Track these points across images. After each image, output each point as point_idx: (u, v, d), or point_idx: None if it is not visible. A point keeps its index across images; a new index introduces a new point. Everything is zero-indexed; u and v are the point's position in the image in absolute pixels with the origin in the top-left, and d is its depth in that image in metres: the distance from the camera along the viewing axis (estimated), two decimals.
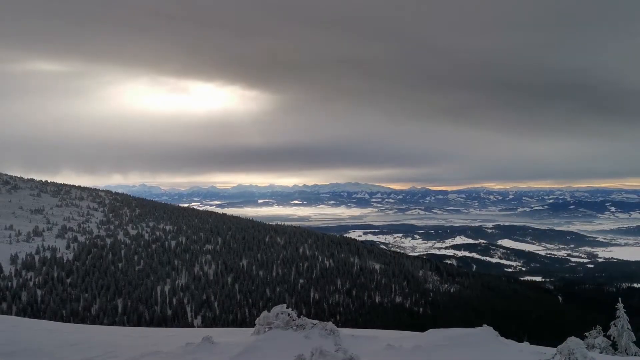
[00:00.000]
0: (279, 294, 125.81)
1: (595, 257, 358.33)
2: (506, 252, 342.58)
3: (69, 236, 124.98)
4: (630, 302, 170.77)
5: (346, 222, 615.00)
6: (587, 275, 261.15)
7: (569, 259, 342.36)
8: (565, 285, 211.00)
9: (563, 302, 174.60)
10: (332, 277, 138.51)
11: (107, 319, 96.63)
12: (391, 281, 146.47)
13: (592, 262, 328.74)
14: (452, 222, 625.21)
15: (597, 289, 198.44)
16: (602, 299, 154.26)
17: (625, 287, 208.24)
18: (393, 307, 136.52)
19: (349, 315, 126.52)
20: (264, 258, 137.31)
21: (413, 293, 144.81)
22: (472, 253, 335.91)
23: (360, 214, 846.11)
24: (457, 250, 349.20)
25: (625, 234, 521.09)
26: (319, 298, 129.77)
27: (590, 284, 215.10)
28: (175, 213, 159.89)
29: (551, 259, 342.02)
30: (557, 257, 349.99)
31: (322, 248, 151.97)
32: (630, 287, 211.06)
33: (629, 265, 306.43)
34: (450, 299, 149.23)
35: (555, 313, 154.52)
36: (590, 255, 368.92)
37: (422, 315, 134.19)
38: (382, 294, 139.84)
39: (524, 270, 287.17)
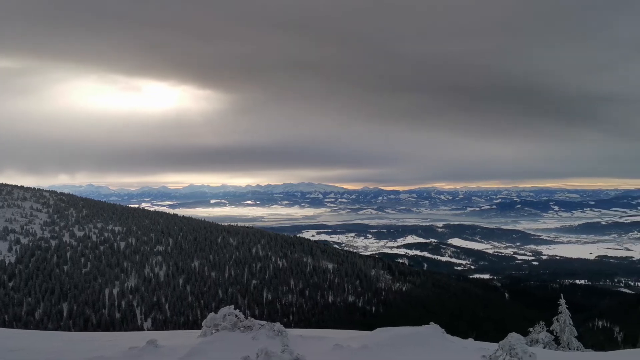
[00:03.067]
0: (231, 295, 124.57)
1: (540, 254, 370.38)
2: (456, 251, 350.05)
3: (11, 238, 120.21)
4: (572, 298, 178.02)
5: (300, 222, 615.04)
6: (532, 273, 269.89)
7: (515, 257, 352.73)
8: (512, 282, 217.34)
9: (509, 299, 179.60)
10: (285, 277, 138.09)
11: (52, 323, 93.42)
12: (344, 281, 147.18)
13: (537, 260, 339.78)
14: (403, 222, 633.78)
15: (542, 285, 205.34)
16: (546, 296, 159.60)
17: (567, 284, 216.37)
18: (346, 307, 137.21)
19: (302, 315, 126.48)
20: (216, 259, 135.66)
21: (365, 292, 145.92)
22: (423, 252, 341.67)
23: (314, 214, 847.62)
24: (408, 249, 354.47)
25: (567, 232, 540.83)
26: (272, 298, 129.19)
27: (535, 281, 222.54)
28: (125, 214, 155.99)
29: (498, 257, 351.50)
30: (504, 255, 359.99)
31: (275, 248, 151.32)
32: (572, 284, 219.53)
33: (571, 263, 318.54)
34: (401, 297, 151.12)
35: (502, 310, 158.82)
36: (535, 253, 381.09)
37: (374, 314, 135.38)
38: (335, 293, 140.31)
39: (473, 269, 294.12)
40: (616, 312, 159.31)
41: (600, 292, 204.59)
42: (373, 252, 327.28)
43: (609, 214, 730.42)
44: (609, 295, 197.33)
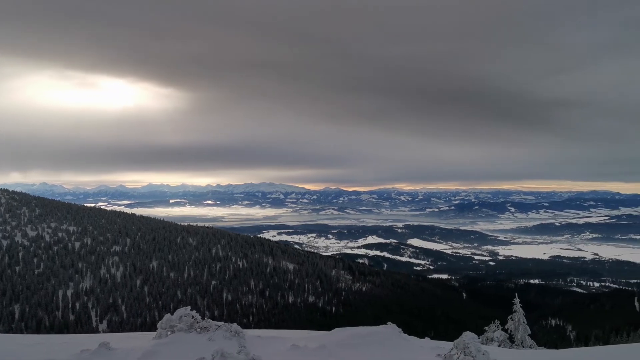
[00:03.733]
0: (190, 295, 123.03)
1: (497, 255, 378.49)
2: (415, 251, 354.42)
3: None
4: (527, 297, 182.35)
5: (260, 223, 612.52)
6: (489, 273, 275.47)
7: (472, 257, 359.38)
8: (469, 282, 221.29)
9: (467, 299, 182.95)
10: (245, 277, 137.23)
11: (3, 326, 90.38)
12: (304, 281, 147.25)
13: (494, 260, 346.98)
14: (364, 222, 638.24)
15: (498, 285, 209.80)
16: (501, 295, 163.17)
17: (522, 283, 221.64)
18: (306, 307, 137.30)
19: (262, 315, 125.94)
20: (175, 259, 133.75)
21: (326, 292, 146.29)
22: (383, 252, 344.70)
23: (275, 214, 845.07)
24: (369, 250, 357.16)
25: (523, 232, 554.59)
26: (232, 299, 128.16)
27: (491, 281, 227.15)
28: (80, 213, 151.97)
29: (457, 257, 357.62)
30: (462, 256, 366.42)
31: (236, 249, 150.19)
32: (527, 283, 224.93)
33: (526, 263, 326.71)
34: (361, 297, 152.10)
35: (460, 309, 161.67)
36: (491, 253, 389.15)
37: (334, 314, 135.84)
38: (295, 293, 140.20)
39: (431, 269, 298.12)
40: (569, 310, 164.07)
41: (554, 291, 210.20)
42: (334, 252, 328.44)
43: (562, 215, 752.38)
44: (561, 294, 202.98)
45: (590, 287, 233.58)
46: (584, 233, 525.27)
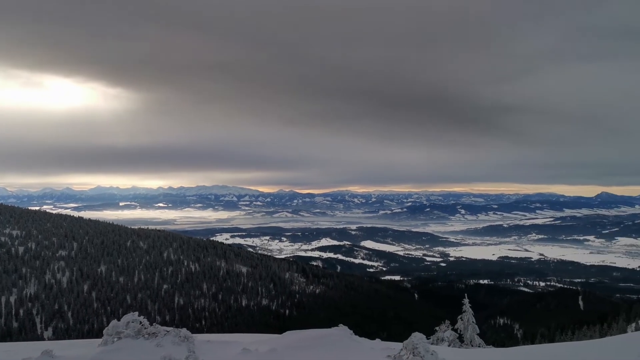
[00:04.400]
0: (140, 300, 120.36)
1: (447, 256, 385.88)
2: (368, 253, 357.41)
3: None
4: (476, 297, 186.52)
5: (213, 225, 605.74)
6: (440, 274, 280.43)
7: (424, 259, 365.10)
8: (421, 283, 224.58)
9: (419, 299, 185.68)
10: (197, 281, 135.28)
11: None
12: (258, 284, 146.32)
13: (445, 261, 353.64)
14: (318, 225, 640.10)
15: (448, 286, 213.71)
16: (452, 295, 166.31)
17: (472, 284, 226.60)
18: (259, 310, 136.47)
19: (215, 319, 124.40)
20: (125, 263, 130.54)
21: (279, 295, 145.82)
22: (337, 254, 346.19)
23: (228, 217, 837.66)
24: (322, 252, 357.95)
25: (473, 234, 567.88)
26: (184, 303, 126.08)
27: (442, 282, 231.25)
28: (24, 216, 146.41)
29: (409, 258, 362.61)
30: (414, 257, 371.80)
31: (188, 252, 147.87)
32: (476, 283, 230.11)
33: (475, 264, 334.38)
34: (315, 300, 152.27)
35: (412, 310, 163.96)
36: (442, 254, 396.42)
37: (288, 317, 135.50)
38: (248, 297, 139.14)
39: (384, 270, 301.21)
40: (516, 309, 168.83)
41: (502, 291, 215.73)
42: (288, 255, 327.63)
43: (510, 217, 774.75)
44: (509, 294, 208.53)
45: (536, 286, 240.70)
46: (531, 234, 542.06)
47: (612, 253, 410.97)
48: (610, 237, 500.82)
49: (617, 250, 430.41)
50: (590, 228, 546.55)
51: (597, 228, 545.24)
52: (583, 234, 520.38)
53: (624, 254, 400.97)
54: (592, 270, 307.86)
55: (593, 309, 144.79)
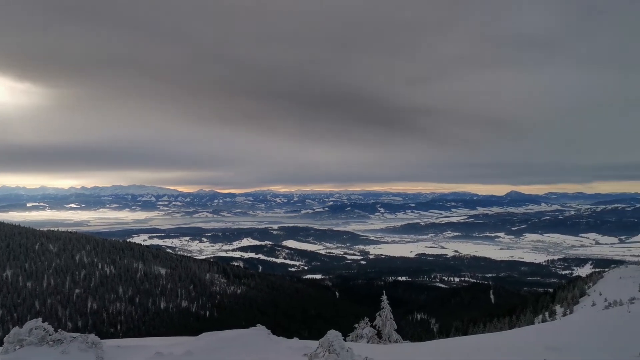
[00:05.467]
0: (50, 306, 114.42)
1: (367, 254, 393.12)
2: (290, 253, 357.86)
3: None
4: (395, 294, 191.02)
5: (130, 226, 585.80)
6: (360, 271, 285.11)
7: (345, 257, 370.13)
8: (342, 281, 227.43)
9: (340, 297, 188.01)
10: (113, 284, 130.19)
11: None
12: (177, 286, 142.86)
13: (365, 259, 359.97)
14: (239, 225, 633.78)
15: (368, 283, 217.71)
16: (372, 293, 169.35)
17: (391, 281, 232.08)
18: (179, 312, 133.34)
19: (131, 323, 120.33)
20: (33, 267, 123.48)
21: (200, 297, 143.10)
22: (258, 254, 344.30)
23: (146, 218, 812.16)
24: (244, 252, 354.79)
25: (392, 232, 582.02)
26: (98, 308, 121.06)
27: (362, 279, 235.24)
28: None
29: (330, 257, 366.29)
30: (335, 256, 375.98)
31: (103, 254, 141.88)
32: (395, 280, 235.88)
33: (394, 261, 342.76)
34: (236, 300, 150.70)
35: (333, 308, 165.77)
36: (363, 252, 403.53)
37: (208, 319, 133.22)
38: (167, 299, 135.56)
39: (306, 269, 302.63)
40: (432, 305, 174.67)
41: (419, 287, 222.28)
42: (208, 255, 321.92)
43: (427, 215, 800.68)
44: (426, 290, 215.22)
45: (451, 282, 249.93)
46: (446, 232, 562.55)
47: (521, 249, 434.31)
48: (518, 234, 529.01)
49: (525, 246, 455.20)
50: (501, 225, 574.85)
51: (507, 225, 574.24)
52: (494, 231, 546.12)
53: (531, 250, 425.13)
54: (502, 265, 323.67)
55: (503, 302, 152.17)
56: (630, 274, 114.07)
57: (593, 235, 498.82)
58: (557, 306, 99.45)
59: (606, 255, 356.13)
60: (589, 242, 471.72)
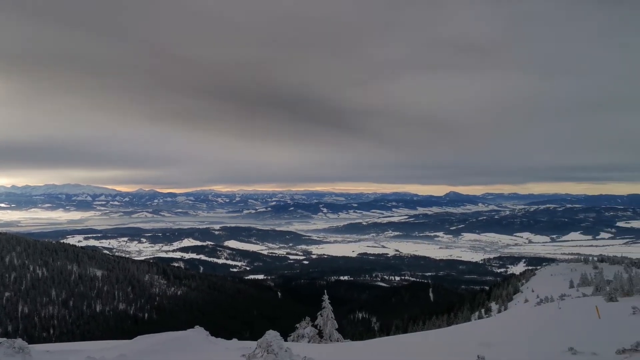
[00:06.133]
0: None
1: (310, 254, 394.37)
2: (232, 253, 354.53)
3: None
4: (337, 293, 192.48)
5: (64, 227, 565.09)
6: (303, 271, 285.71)
7: (288, 257, 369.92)
8: (284, 281, 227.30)
9: (282, 297, 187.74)
10: (45, 287, 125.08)
11: None
12: (114, 288, 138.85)
13: (307, 259, 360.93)
14: (180, 225, 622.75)
15: (311, 283, 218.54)
16: (314, 292, 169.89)
17: (333, 280, 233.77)
18: (116, 315, 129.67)
19: (65, 328, 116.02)
20: None
21: (138, 299, 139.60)
22: (199, 255, 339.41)
23: (81, 218, 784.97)
24: (184, 253, 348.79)
25: (334, 232, 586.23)
26: (29, 311, 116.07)
27: (305, 279, 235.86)
28: None
29: (273, 257, 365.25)
30: (277, 256, 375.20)
31: (34, 256, 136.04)
32: (337, 280, 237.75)
33: (336, 261, 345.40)
34: (177, 302, 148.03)
35: (275, 308, 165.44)
36: (305, 252, 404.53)
37: (147, 321, 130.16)
38: (103, 302, 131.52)
39: (248, 270, 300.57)
40: (374, 304, 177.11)
41: (361, 286, 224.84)
42: (147, 256, 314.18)
43: (369, 215, 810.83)
44: (368, 289, 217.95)
45: (392, 281, 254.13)
46: (387, 231, 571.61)
47: (459, 248, 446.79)
48: (457, 233, 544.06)
49: (462, 245, 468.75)
50: (440, 225, 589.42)
51: (445, 225, 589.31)
52: (434, 231, 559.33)
53: (469, 249, 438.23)
54: (441, 264, 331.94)
55: (442, 300, 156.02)
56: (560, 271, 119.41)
57: (526, 235, 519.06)
58: (493, 303, 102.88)
59: (539, 254, 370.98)
60: (522, 241, 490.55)
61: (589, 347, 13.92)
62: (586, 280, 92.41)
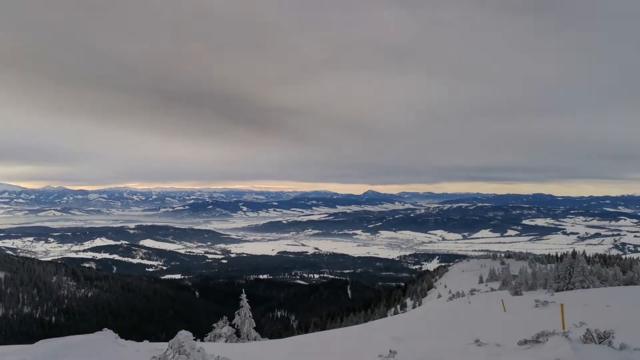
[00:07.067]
0: None
1: (229, 253, 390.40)
2: (148, 252, 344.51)
3: None
4: (256, 291, 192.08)
5: None
6: (221, 271, 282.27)
7: (206, 256, 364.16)
8: (202, 281, 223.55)
9: (199, 297, 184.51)
10: None
11: None
12: (18, 290, 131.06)
13: (226, 258, 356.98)
14: (92, 224, 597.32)
15: (229, 282, 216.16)
16: (233, 291, 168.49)
17: (253, 279, 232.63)
18: (20, 319, 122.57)
19: None
20: None
21: (44, 301, 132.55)
22: (113, 255, 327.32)
23: None
24: (97, 253, 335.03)
25: (254, 230, 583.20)
26: None
27: (223, 278, 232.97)
28: None
29: (190, 256, 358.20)
30: (195, 255, 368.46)
31: None
32: (257, 279, 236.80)
33: (256, 259, 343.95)
34: (87, 304, 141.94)
35: (193, 308, 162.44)
36: (224, 251, 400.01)
37: (54, 325, 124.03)
38: (7, 305, 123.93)
39: (165, 269, 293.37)
40: (293, 301, 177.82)
41: (280, 284, 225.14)
42: (55, 257, 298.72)
43: (289, 213, 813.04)
44: (287, 287, 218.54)
45: (311, 278, 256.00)
46: (307, 229, 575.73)
47: (376, 245, 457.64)
48: (374, 231, 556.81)
49: (380, 243, 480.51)
50: (358, 223, 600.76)
51: (364, 223, 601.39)
52: (352, 229, 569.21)
53: (386, 246, 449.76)
54: (359, 261, 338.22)
55: (359, 297, 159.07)
56: (471, 267, 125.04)
57: (440, 232, 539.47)
58: (408, 299, 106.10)
59: (451, 251, 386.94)
60: (436, 239, 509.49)
61: (494, 338, 14.58)
62: (494, 275, 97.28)
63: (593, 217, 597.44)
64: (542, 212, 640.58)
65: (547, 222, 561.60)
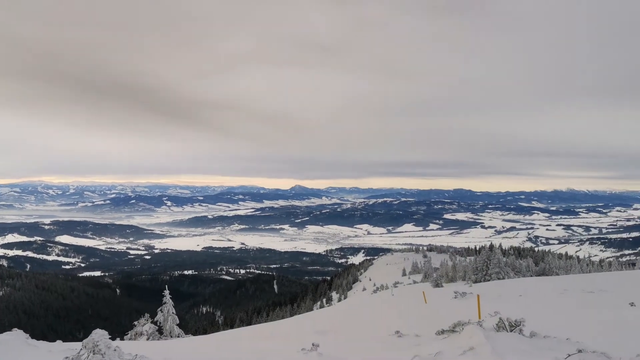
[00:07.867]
0: None
1: (152, 248, 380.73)
2: (65, 249, 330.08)
3: None
4: (181, 288, 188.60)
5: None
6: (144, 267, 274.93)
7: (128, 252, 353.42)
8: (124, 277, 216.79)
9: (121, 295, 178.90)
10: None
11: None
12: None
13: (149, 254, 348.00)
14: (3, 219, 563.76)
15: (153, 278, 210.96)
16: (156, 288, 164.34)
17: (177, 275, 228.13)
18: None
19: None
20: None
21: None
22: (26, 252, 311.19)
23: None
24: (8, 250, 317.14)
25: (179, 225, 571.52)
26: None
27: (146, 275, 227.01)
28: None
29: (111, 252, 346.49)
30: (116, 251, 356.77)
31: None
32: (181, 275, 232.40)
33: (180, 255, 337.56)
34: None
35: (114, 306, 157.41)
36: (147, 247, 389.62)
37: None
38: None
39: (83, 266, 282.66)
40: (218, 297, 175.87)
41: (205, 280, 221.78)
42: None
43: (215, 208, 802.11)
44: (212, 282, 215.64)
45: (237, 274, 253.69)
46: (234, 224, 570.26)
47: (303, 240, 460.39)
48: (301, 226, 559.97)
49: (307, 237, 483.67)
50: (286, 218, 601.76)
51: (291, 218, 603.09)
52: (279, 223, 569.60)
53: (313, 240, 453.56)
54: (286, 256, 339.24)
55: (286, 291, 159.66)
56: (395, 260, 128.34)
57: (366, 226, 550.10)
58: (334, 293, 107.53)
59: (376, 244, 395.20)
60: (362, 233, 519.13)
61: (414, 329, 15.03)
62: (417, 268, 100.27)
63: (509, 211, 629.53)
64: (462, 206, 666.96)
65: (467, 217, 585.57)
